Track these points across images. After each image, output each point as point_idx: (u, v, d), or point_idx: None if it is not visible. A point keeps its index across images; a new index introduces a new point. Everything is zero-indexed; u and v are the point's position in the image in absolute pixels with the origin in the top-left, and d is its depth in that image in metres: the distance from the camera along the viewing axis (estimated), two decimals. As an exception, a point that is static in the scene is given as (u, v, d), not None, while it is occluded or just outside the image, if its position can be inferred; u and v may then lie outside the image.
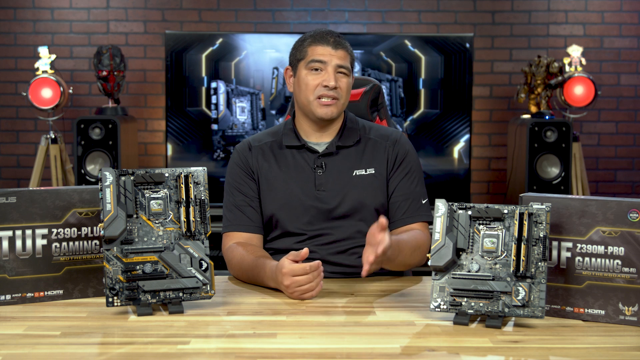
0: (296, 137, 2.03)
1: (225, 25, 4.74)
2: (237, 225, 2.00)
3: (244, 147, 2.07)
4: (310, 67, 1.97)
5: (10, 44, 4.74)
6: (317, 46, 1.98)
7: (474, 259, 1.56)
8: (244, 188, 2.02)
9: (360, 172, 2.01)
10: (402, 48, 4.45)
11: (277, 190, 2.00)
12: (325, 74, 1.96)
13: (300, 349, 1.38)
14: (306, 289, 1.71)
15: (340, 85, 1.97)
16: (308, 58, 1.98)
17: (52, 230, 1.70)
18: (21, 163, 4.81)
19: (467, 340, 1.43)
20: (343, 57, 1.98)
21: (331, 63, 1.96)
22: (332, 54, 1.97)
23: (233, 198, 2.02)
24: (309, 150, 2.02)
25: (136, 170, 1.63)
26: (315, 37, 1.99)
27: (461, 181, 4.49)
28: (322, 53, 1.97)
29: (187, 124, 4.43)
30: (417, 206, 2.01)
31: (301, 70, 2.00)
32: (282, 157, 2.03)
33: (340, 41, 1.99)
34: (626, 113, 4.87)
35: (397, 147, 2.05)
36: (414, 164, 2.06)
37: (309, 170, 2.01)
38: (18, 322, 1.54)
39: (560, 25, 4.81)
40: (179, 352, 1.35)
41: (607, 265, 1.55)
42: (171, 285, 1.61)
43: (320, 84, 1.96)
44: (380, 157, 2.03)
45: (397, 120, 4.45)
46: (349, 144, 2.03)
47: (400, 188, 2.02)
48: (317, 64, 1.96)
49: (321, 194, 1.98)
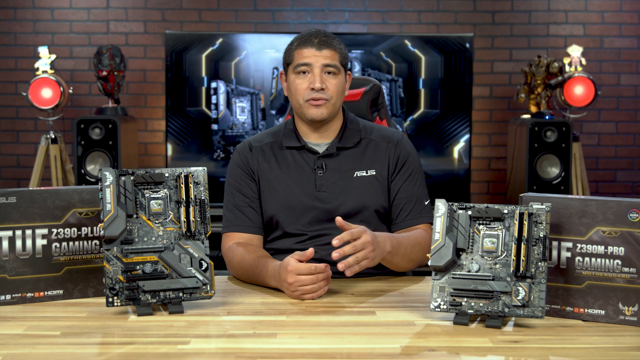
0: (296, 138, 2.03)
1: (225, 25, 4.74)
2: (237, 225, 2.00)
3: (244, 148, 2.07)
4: (297, 71, 1.98)
5: (10, 44, 4.74)
6: (302, 49, 1.98)
7: (474, 259, 1.56)
8: (244, 189, 2.02)
9: (361, 173, 2.01)
10: (402, 48, 4.45)
11: (277, 191, 2.00)
12: (311, 76, 1.96)
13: (300, 349, 1.38)
14: (308, 289, 1.71)
15: (329, 86, 1.96)
16: (295, 62, 1.98)
17: (52, 230, 1.70)
18: (21, 163, 4.81)
19: (467, 340, 1.43)
20: (329, 57, 1.97)
21: (317, 64, 1.96)
22: (317, 54, 1.96)
23: (233, 198, 2.02)
24: (309, 151, 2.02)
25: (136, 170, 1.63)
26: (301, 39, 1.99)
27: (461, 181, 4.49)
28: (306, 55, 1.96)
29: (187, 124, 4.43)
30: (420, 208, 2.02)
31: (290, 75, 2.01)
32: (282, 158, 2.03)
33: (326, 40, 1.97)
34: (626, 113, 4.87)
35: (398, 149, 2.05)
36: (416, 166, 2.06)
37: (310, 171, 2.01)
38: (18, 322, 1.54)
39: (560, 25, 4.81)
40: (179, 352, 1.35)
41: (607, 265, 1.55)
42: (171, 285, 1.61)
43: (307, 87, 1.96)
44: (382, 159, 2.03)
45: (397, 120, 4.45)
46: (350, 145, 2.03)
47: (402, 190, 2.02)
48: (302, 67, 1.96)
49: (322, 194, 1.98)
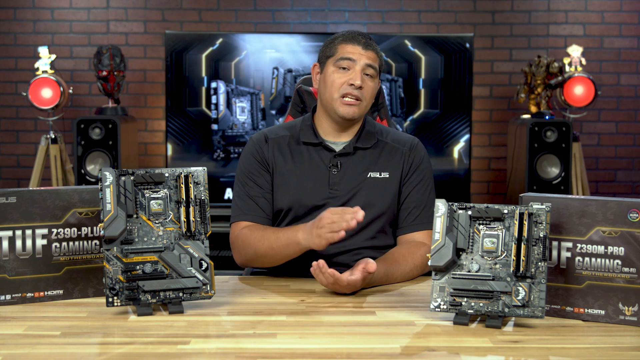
0: (314, 134, 2.03)
1: (225, 25, 4.74)
2: (248, 215, 1.99)
3: (260, 138, 2.06)
4: (338, 65, 1.98)
5: (10, 44, 4.74)
6: (347, 44, 1.98)
7: (474, 259, 1.56)
8: (259, 179, 2.02)
9: (375, 174, 2.01)
10: (402, 48, 4.45)
11: (289, 186, 2.00)
12: (352, 73, 1.96)
13: (300, 349, 1.38)
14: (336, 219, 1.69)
15: (365, 87, 1.97)
16: (337, 55, 1.99)
17: (52, 230, 1.70)
18: (21, 163, 4.81)
19: (467, 340, 1.43)
20: (372, 59, 1.98)
21: (360, 62, 1.96)
22: (362, 53, 1.97)
23: (247, 188, 2.02)
24: (325, 148, 2.02)
25: (136, 170, 1.63)
26: (347, 36, 2.01)
27: (461, 181, 4.49)
28: (351, 51, 1.97)
29: (187, 124, 4.43)
30: (428, 214, 2.01)
31: (329, 67, 2.00)
32: (297, 153, 2.03)
33: (371, 43, 2.00)
34: (626, 113, 4.87)
35: (413, 154, 2.05)
36: (427, 172, 2.06)
37: (324, 168, 2.01)
38: (18, 322, 1.54)
39: (560, 25, 4.81)
40: (179, 352, 1.35)
41: (607, 265, 1.55)
42: (171, 285, 1.60)
43: (346, 83, 1.96)
44: (396, 162, 2.03)
45: (397, 120, 4.45)
46: (367, 146, 2.03)
47: (412, 195, 2.02)
48: (345, 62, 1.97)
49: (334, 192, 1.98)
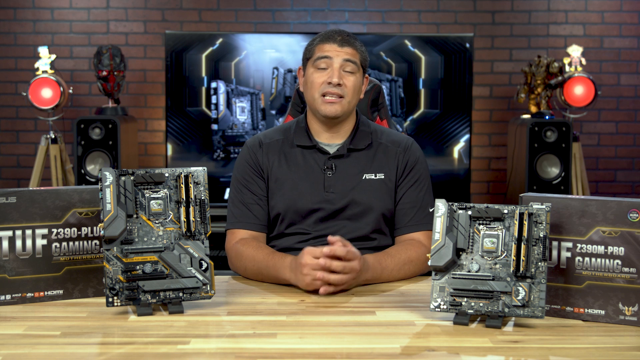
0: (308, 137, 2.03)
1: (225, 25, 4.74)
2: (242, 222, 2.00)
3: (254, 144, 2.06)
4: (316, 66, 1.99)
5: (10, 44, 4.74)
6: (324, 44, 1.99)
7: (474, 259, 1.56)
8: (252, 186, 2.02)
9: (370, 176, 2.01)
10: (402, 48, 4.45)
11: (285, 189, 2.00)
12: (330, 71, 1.97)
13: (300, 349, 1.38)
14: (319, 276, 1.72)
15: (346, 83, 1.97)
16: (315, 56, 2.00)
17: (52, 230, 1.70)
18: (21, 163, 4.81)
19: (467, 340, 1.43)
20: (350, 54, 1.98)
21: (336, 59, 1.97)
22: (339, 50, 1.98)
23: (241, 195, 2.02)
24: (319, 150, 2.02)
25: (136, 170, 1.62)
26: (324, 35, 2.02)
27: (461, 181, 4.49)
28: (328, 49, 1.98)
29: (187, 124, 4.43)
30: (423, 215, 2.01)
31: (309, 69, 2.02)
32: (292, 156, 2.03)
33: (349, 39, 2.00)
34: (626, 113, 4.87)
35: (407, 154, 2.05)
36: (423, 172, 2.06)
37: (319, 171, 2.01)
38: (18, 322, 1.54)
39: (560, 25, 4.81)
40: (179, 352, 1.35)
41: (607, 265, 1.55)
42: (171, 285, 1.60)
43: (325, 82, 1.97)
44: (391, 163, 2.03)
45: (397, 120, 4.45)
46: (361, 147, 2.03)
47: (408, 195, 2.02)
48: (323, 61, 1.97)
49: (329, 195, 1.98)
